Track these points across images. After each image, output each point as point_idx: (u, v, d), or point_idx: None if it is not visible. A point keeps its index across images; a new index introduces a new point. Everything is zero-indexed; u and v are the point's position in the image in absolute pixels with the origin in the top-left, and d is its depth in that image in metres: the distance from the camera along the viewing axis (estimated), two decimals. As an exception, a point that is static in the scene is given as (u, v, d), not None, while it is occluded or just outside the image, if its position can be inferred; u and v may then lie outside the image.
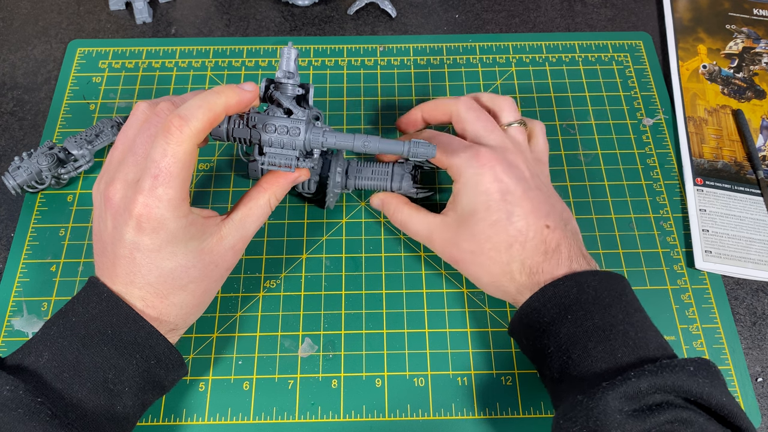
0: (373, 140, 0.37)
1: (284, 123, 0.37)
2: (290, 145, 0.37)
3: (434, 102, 0.45)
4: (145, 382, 0.35)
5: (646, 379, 0.30)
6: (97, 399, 0.33)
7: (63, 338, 0.33)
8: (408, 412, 0.41)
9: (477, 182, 0.38)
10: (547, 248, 0.37)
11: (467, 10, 0.61)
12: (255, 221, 0.38)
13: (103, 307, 0.34)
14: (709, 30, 0.59)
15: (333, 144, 0.37)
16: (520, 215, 0.37)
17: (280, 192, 0.39)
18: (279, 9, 0.60)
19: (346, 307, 0.45)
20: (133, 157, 0.34)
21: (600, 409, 0.30)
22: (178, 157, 0.32)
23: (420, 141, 0.37)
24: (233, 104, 0.34)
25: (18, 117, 0.53)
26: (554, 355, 0.35)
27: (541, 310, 0.36)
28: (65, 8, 0.60)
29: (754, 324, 0.45)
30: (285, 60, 0.39)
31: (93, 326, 0.33)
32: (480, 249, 0.38)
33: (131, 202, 0.33)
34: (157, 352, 0.35)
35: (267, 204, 0.39)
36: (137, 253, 0.34)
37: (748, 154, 0.51)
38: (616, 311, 0.34)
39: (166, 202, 0.32)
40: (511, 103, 0.43)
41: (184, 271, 0.35)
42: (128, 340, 0.34)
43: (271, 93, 0.39)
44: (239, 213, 0.38)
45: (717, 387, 0.31)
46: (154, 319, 0.35)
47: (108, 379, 0.33)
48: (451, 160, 0.40)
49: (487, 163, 0.38)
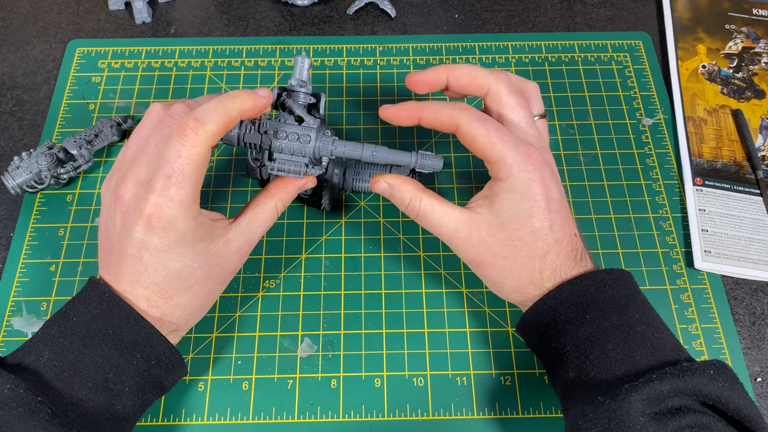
0: (381, 150, 0.38)
1: (295, 130, 0.38)
2: (300, 152, 0.38)
3: (468, 69, 0.39)
4: (145, 382, 0.35)
5: (668, 382, 0.30)
6: (97, 399, 0.33)
7: (64, 338, 0.33)
8: (407, 412, 0.41)
9: (528, 187, 0.35)
10: (576, 255, 0.36)
11: (467, 10, 0.61)
12: (261, 226, 0.38)
13: (104, 307, 0.34)
14: (708, 30, 0.59)
15: (342, 153, 0.38)
16: (559, 224, 0.36)
17: (287, 198, 0.39)
18: (278, 9, 0.60)
19: (345, 307, 0.45)
20: (146, 156, 0.35)
21: (624, 411, 0.30)
22: (192, 158, 0.32)
23: (427, 153, 0.39)
24: (248, 109, 0.35)
25: (17, 117, 0.53)
26: (571, 355, 0.35)
27: (558, 308, 0.35)
28: (65, 8, 0.60)
29: (753, 324, 0.45)
30: (298, 69, 0.39)
31: (94, 326, 0.33)
32: (513, 255, 0.36)
33: (142, 201, 0.33)
34: (158, 352, 0.35)
35: (274, 209, 0.39)
36: (145, 252, 0.34)
37: (748, 154, 0.51)
38: (632, 311, 0.34)
39: (177, 202, 0.33)
40: (539, 91, 0.41)
41: (191, 272, 0.35)
42: (129, 340, 0.34)
43: (283, 100, 0.39)
44: (246, 217, 0.38)
45: (735, 391, 0.31)
46: (157, 320, 0.35)
47: (108, 378, 0.33)
48: (501, 152, 0.35)
49: (538, 168, 0.35)
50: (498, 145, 0.35)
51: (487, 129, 0.36)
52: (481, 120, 0.36)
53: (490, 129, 0.36)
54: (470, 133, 0.36)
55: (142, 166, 0.34)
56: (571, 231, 0.37)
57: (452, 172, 0.50)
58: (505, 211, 0.36)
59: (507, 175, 0.36)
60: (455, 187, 0.50)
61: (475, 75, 0.39)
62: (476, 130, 0.36)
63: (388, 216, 0.48)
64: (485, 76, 0.38)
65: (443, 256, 0.47)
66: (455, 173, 0.50)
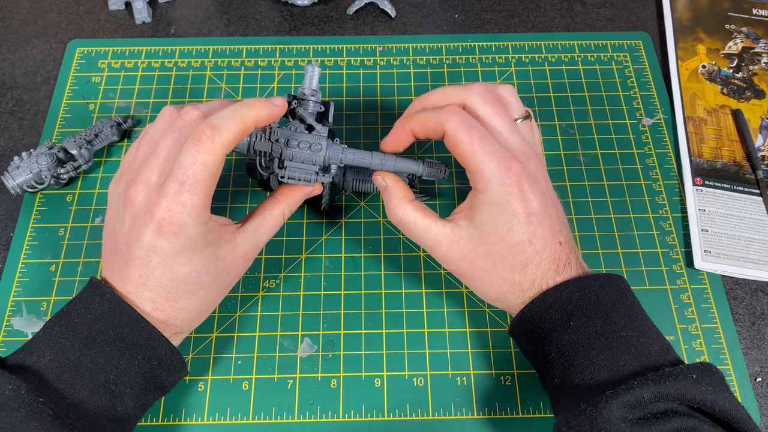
0: (389, 158, 0.39)
1: (306, 139, 0.38)
2: (310, 160, 0.38)
3: (438, 95, 0.39)
4: (146, 383, 0.35)
5: (649, 388, 0.30)
6: (98, 400, 0.33)
7: (65, 338, 0.33)
8: (407, 412, 0.41)
9: (506, 202, 0.35)
10: (559, 264, 0.36)
11: (467, 10, 0.61)
12: (268, 231, 0.39)
13: (106, 308, 0.34)
14: (708, 30, 0.59)
15: (351, 161, 0.39)
16: (539, 236, 0.35)
17: (294, 204, 0.40)
18: (278, 9, 0.60)
19: (345, 306, 0.45)
20: (157, 160, 0.35)
21: (604, 417, 0.30)
22: (207, 165, 0.32)
23: (434, 161, 0.41)
24: (263, 118, 0.35)
25: (17, 117, 0.53)
26: (556, 361, 0.35)
27: (543, 315, 0.35)
28: (65, 8, 0.60)
29: (753, 324, 0.45)
30: (309, 78, 0.40)
31: (95, 327, 0.33)
32: (493, 268, 0.36)
33: (154, 206, 0.33)
34: (159, 353, 0.35)
35: (281, 215, 0.39)
36: (153, 255, 0.34)
37: (748, 154, 0.51)
38: (617, 316, 0.34)
39: (189, 208, 0.33)
40: (515, 92, 0.39)
41: (198, 276, 0.35)
42: (130, 341, 0.34)
43: (293, 108, 0.40)
44: (254, 222, 0.38)
45: (720, 393, 0.31)
46: (161, 322, 0.35)
47: (110, 380, 0.33)
48: (482, 163, 0.35)
49: (516, 180, 0.35)
50: (479, 155, 0.35)
51: (472, 137, 0.35)
52: (467, 126, 0.35)
53: (474, 137, 0.35)
54: (455, 138, 0.35)
55: (154, 169, 0.34)
56: (555, 240, 0.36)
57: (452, 172, 0.50)
58: (485, 224, 0.36)
59: (485, 188, 0.35)
60: (455, 186, 0.50)
61: (446, 96, 0.38)
62: (461, 136, 0.35)
63: (388, 216, 0.48)
64: (457, 93, 0.38)
65: (443, 256, 0.47)
66: (455, 173, 0.50)
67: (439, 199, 0.49)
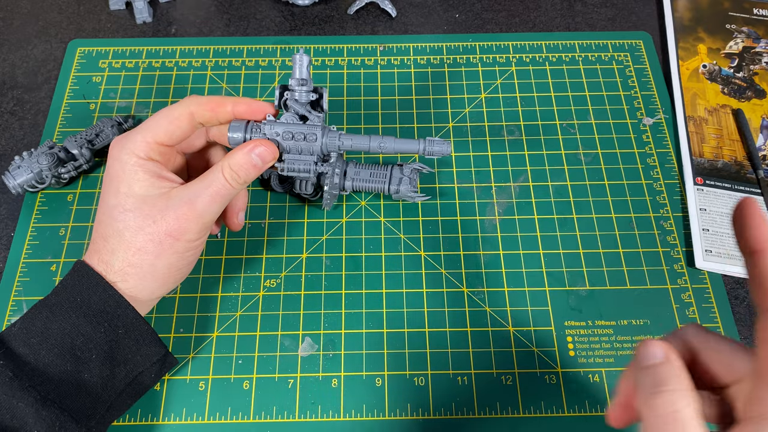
0: (388, 141, 0.39)
1: (301, 129, 0.38)
2: (308, 151, 0.38)
3: (721, 345, 0.28)
4: (112, 351, 0.35)
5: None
6: (63, 364, 0.33)
7: (36, 309, 0.35)
8: (408, 412, 0.41)
9: None
10: None
11: (467, 10, 0.61)
12: (207, 192, 0.36)
13: (74, 277, 0.35)
14: (709, 29, 0.59)
15: (349, 146, 0.39)
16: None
17: (237, 167, 0.36)
18: (279, 8, 0.60)
19: (346, 306, 0.45)
20: None
21: None
22: (163, 113, 0.37)
23: (435, 139, 0.39)
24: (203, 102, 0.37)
25: (18, 116, 0.53)
26: None
27: None
28: (65, 8, 0.60)
29: (754, 324, 0.45)
30: (297, 67, 0.39)
31: (63, 294, 0.35)
32: None
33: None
34: (125, 321, 0.35)
35: (221, 176, 0.36)
36: (103, 210, 0.36)
37: (749, 154, 0.51)
38: None
39: (129, 150, 0.36)
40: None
41: (135, 224, 0.35)
42: (97, 308, 0.35)
43: (285, 99, 0.39)
44: (194, 181, 0.36)
45: None
46: (130, 296, 0.36)
47: (75, 345, 0.34)
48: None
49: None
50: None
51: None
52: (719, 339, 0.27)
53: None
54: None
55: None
56: None
57: (452, 172, 0.50)
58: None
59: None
60: (455, 186, 0.50)
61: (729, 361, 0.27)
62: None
63: (388, 215, 0.48)
64: (741, 358, 0.27)
65: (444, 255, 0.47)
66: (455, 173, 0.50)
67: (439, 198, 0.49)
